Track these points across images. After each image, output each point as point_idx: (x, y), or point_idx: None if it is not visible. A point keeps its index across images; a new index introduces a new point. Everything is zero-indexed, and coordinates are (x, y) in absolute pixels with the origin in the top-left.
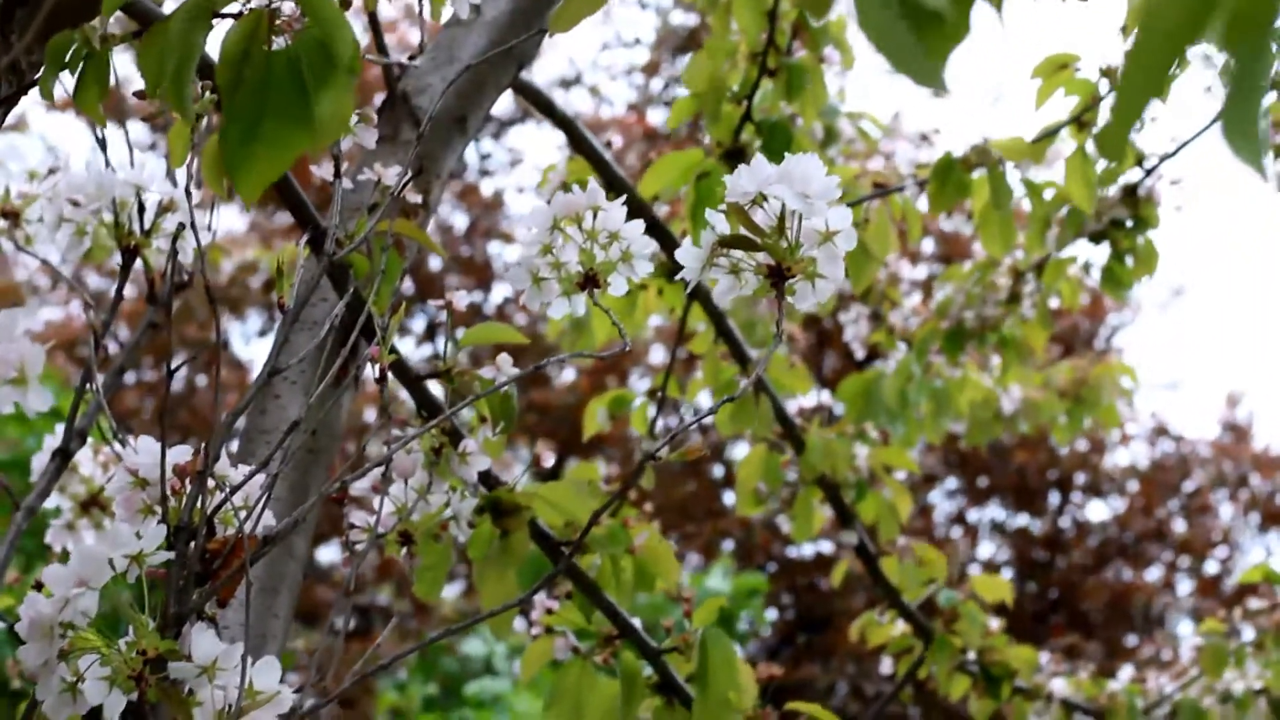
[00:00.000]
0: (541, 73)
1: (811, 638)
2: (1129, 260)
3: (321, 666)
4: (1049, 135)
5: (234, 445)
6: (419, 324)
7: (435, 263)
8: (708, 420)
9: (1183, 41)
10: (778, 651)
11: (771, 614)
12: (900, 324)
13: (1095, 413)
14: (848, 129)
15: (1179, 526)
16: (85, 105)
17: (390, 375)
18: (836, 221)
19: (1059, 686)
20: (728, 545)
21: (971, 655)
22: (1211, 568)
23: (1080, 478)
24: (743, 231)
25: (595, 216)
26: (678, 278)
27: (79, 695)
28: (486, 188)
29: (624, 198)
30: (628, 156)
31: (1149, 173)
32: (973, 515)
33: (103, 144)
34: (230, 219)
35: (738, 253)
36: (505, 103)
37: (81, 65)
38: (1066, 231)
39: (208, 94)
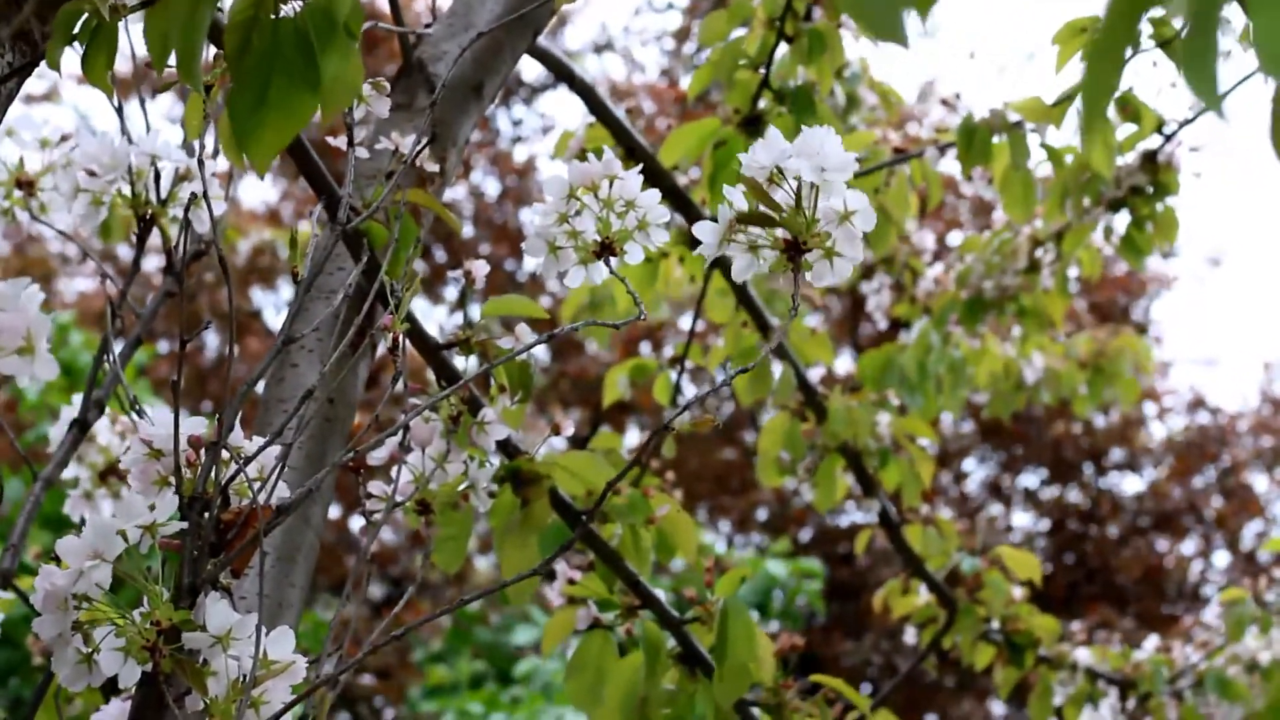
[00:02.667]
0: (574, 38)
1: (844, 608)
2: (1149, 227)
3: (338, 635)
4: (1068, 98)
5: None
6: (452, 292)
7: (469, 229)
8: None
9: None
10: (810, 620)
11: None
12: (924, 294)
13: (1115, 384)
14: (870, 96)
15: (1215, 499)
16: (93, 77)
17: (409, 344)
18: (854, 202)
19: (1084, 655)
20: (761, 515)
21: (995, 624)
22: (1247, 542)
23: (1116, 452)
24: (760, 208)
25: (611, 185)
26: (696, 252)
27: (94, 666)
28: (520, 154)
29: (640, 166)
30: (659, 121)
31: (1169, 139)
32: (1008, 485)
33: (120, 112)
34: (263, 188)
35: (755, 230)
36: (538, 68)
37: (90, 36)
38: (1077, 197)
39: (219, 65)
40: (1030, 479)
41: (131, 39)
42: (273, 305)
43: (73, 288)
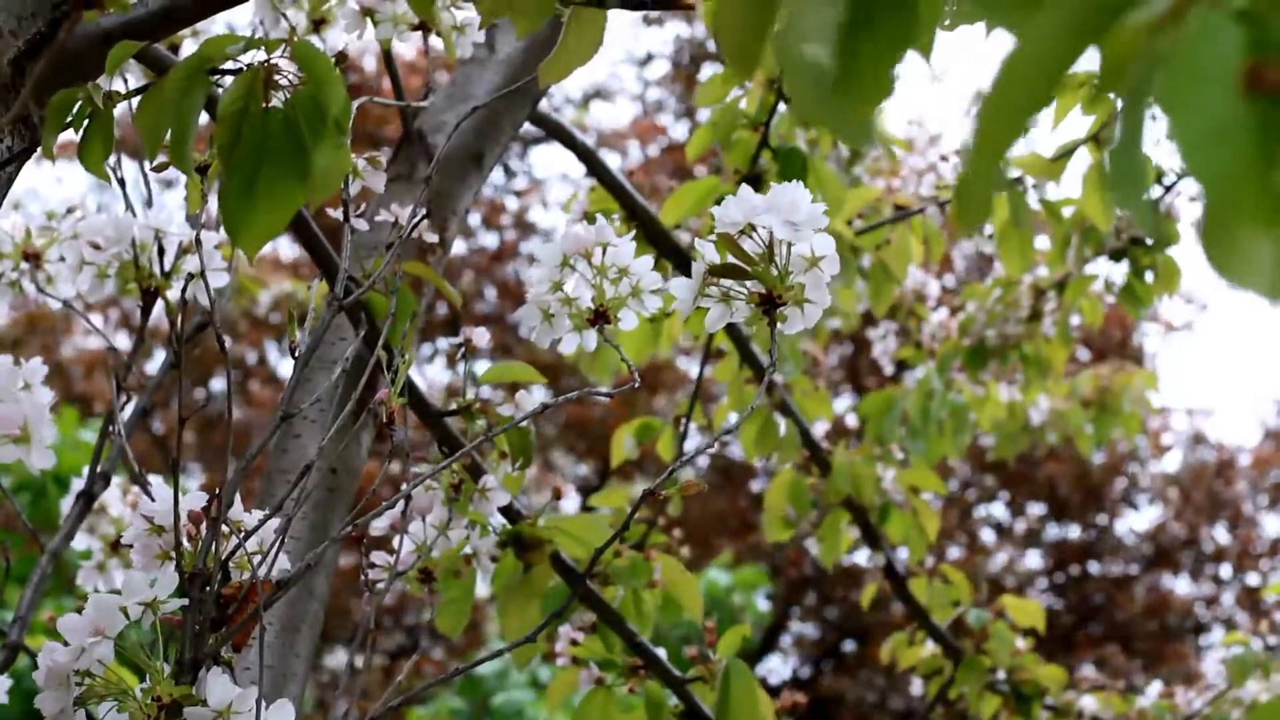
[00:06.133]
0: (564, 86)
1: (846, 651)
2: (1149, 277)
3: (344, 700)
4: (1067, 153)
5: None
6: (444, 344)
7: (469, 278)
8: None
9: (1036, 103)
10: (819, 664)
11: (810, 629)
12: (928, 340)
13: (1118, 421)
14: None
15: (1220, 537)
16: (90, 164)
17: (410, 412)
18: (821, 248)
19: (1089, 704)
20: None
21: (1001, 674)
22: (1253, 579)
23: (1118, 487)
24: (732, 260)
25: (604, 252)
26: (671, 309)
27: None
28: (523, 209)
29: (633, 233)
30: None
31: (1168, 189)
32: (1013, 525)
33: (123, 185)
34: (281, 242)
35: (728, 281)
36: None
37: (86, 123)
38: (1079, 247)
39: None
40: (1030, 516)
41: (133, 106)
42: (278, 355)
43: (86, 343)
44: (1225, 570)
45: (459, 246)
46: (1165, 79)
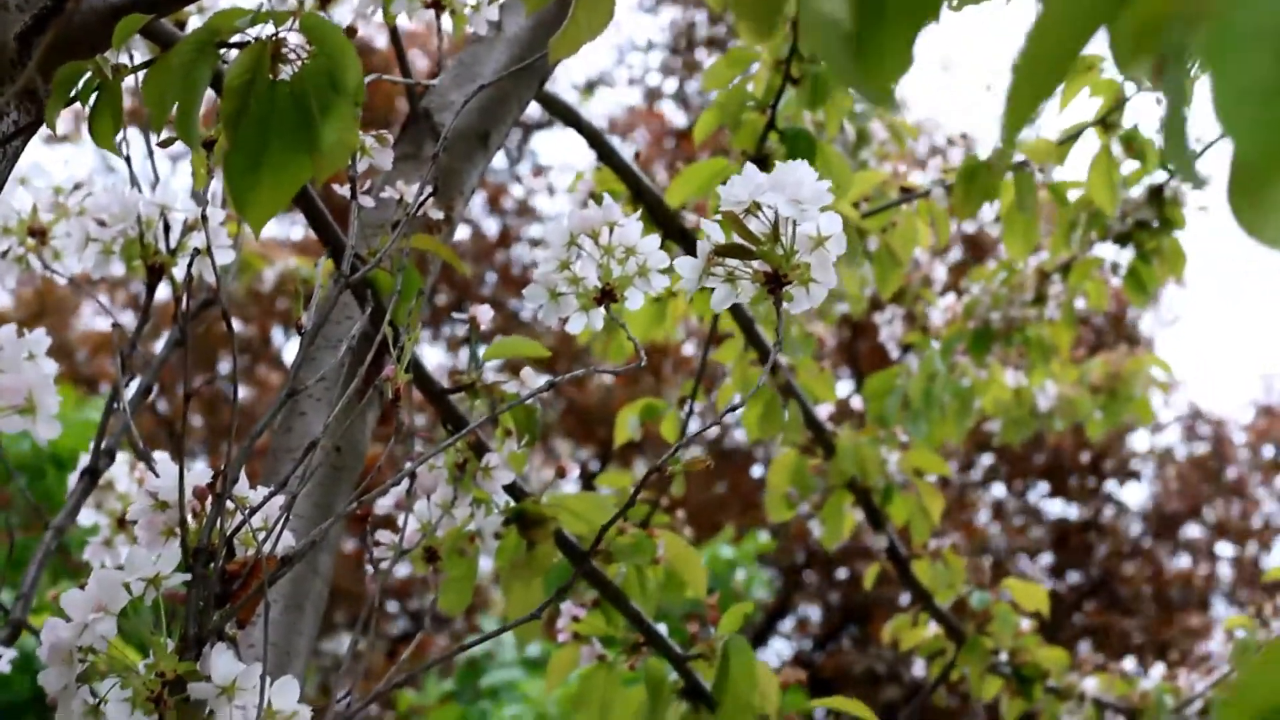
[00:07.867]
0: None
1: (853, 628)
2: (1154, 262)
3: (347, 680)
4: (1074, 137)
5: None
6: (449, 330)
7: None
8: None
9: (1067, 59)
10: (823, 643)
11: (815, 612)
12: (935, 324)
13: (1129, 406)
14: (880, 131)
15: (1219, 512)
16: (99, 139)
17: (414, 389)
18: (828, 227)
19: (1091, 685)
20: (762, 536)
21: (1003, 656)
22: (1252, 552)
23: (1116, 459)
24: (737, 240)
25: (611, 232)
26: (677, 288)
27: (101, 718)
28: (526, 195)
29: (639, 212)
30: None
31: (1174, 174)
32: (1012, 502)
33: (129, 162)
34: (285, 221)
35: (733, 261)
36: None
37: (94, 96)
38: (1084, 231)
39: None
40: (1032, 494)
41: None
42: (284, 338)
43: (93, 324)
44: (1224, 545)
45: (461, 231)
46: (1208, 36)
